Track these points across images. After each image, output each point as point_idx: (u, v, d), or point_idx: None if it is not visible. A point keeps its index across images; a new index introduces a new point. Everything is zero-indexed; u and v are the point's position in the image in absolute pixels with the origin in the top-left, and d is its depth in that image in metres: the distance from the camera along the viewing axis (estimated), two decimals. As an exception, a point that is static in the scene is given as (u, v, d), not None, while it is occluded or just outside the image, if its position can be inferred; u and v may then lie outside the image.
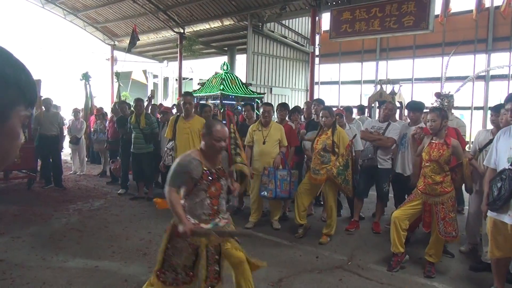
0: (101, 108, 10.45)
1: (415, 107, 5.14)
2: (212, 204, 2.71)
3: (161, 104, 11.48)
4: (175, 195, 2.63)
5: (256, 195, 5.43)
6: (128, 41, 14.69)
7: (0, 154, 0.77)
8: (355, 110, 8.02)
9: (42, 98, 7.74)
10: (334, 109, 5.40)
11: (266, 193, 5.22)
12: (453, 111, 5.16)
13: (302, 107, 7.34)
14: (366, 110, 9.74)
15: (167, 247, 2.71)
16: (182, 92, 14.20)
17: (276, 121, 5.93)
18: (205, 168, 2.67)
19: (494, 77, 12.15)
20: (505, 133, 3.33)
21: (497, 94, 12.35)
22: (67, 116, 10.64)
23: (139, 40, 14.85)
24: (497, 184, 3.17)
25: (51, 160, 7.73)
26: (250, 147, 5.46)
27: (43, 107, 7.72)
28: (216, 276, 2.74)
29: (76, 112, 9.66)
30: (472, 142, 5.13)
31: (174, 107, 7.46)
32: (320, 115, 4.91)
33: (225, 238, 2.79)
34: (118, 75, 12.51)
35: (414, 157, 4.74)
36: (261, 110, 5.49)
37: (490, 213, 3.31)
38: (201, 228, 2.64)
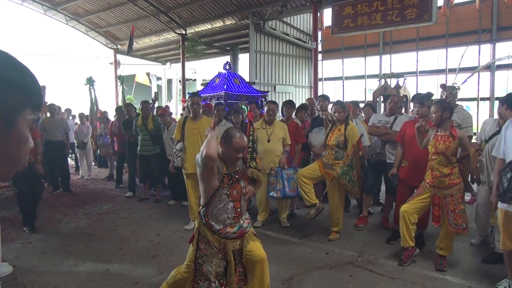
0: (105, 112, 10.47)
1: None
2: (235, 207, 2.74)
3: (167, 106, 11.52)
4: None
5: (262, 194, 5.40)
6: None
7: (9, 160, 0.76)
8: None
9: (47, 104, 7.79)
10: None
11: (274, 193, 5.19)
12: (458, 102, 5.09)
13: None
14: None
15: (196, 256, 2.74)
16: (186, 93, 14.22)
17: (281, 119, 5.91)
18: (226, 172, 2.71)
19: (500, 67, 12.02)
20: (513, 122, 3.27)
21: (503, 84, 12.24)
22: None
23: (134, 43, 14.84)
24: (506, 175, 3.11)
25: (58, 165, 7.75)
26: None
27: (48, 113, 7.76)
28: (242, 277, 2.77)
29: (82, 117, 9.71)
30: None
31: (185, 109, 7.40)
32: (333, 110, 4.87)
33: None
34: (121, 78, 12.56)
35: (397, 149, 4.71)
36: (266, 108, 5.47)
37: (500, 205, 3.27)
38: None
